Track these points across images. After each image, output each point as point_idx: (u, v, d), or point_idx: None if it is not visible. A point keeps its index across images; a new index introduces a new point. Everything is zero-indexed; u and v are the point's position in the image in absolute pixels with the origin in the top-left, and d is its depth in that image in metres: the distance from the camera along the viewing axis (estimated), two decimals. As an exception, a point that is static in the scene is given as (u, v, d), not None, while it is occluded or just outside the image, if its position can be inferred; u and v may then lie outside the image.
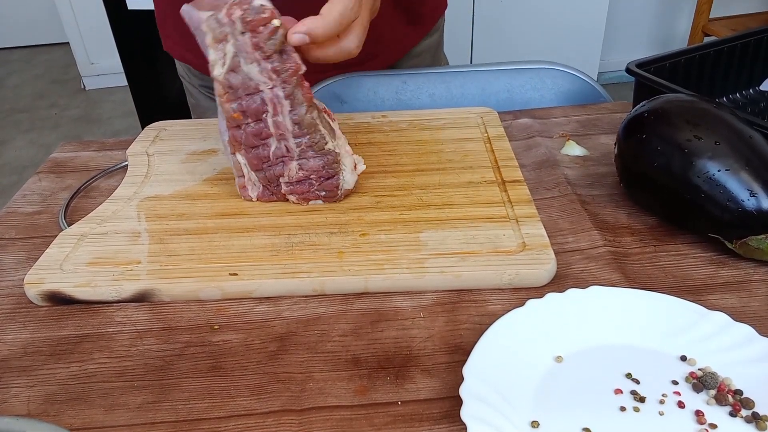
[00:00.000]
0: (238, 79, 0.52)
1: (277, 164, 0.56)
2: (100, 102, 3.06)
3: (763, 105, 0.77)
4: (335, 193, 0.57)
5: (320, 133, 0.55)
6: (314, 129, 0.54)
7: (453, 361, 0.43)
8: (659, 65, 0.69)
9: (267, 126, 0.54)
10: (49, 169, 0.70)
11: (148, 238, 0.55)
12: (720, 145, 0.49)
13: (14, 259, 0.55)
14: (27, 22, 3.56)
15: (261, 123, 0.54)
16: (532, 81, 0.86)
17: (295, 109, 0.53)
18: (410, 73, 0.87)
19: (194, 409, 0.41)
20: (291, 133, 0.54)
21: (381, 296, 0.49)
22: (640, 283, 0.49)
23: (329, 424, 0.39)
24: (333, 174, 0.56)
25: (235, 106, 0.53)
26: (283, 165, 0.56)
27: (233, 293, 0.49)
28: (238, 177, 0.58)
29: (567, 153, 0.67)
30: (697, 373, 0.40)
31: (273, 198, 0.58)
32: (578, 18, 2.47)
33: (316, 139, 0.55)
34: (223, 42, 0.51)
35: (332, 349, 0.45)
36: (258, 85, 0.52)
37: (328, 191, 0.57)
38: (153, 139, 0.70)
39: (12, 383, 0.43)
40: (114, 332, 0.47)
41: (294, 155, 0.55)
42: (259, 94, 0.52)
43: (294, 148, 0.55)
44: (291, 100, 0.53)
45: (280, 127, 0.54)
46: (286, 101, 0.53)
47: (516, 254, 0.50)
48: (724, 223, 0.49)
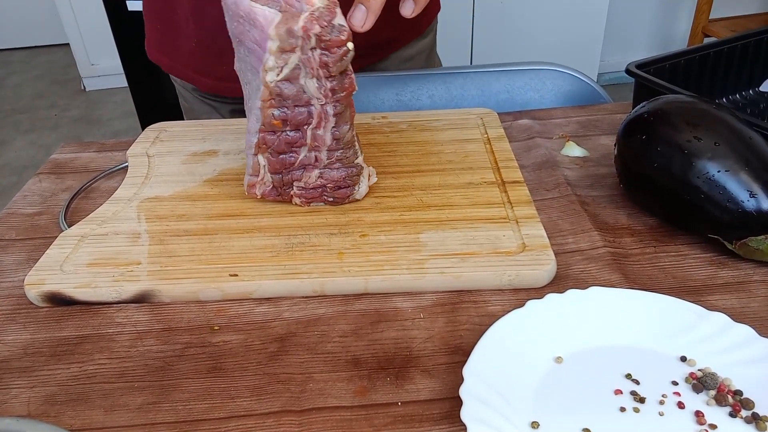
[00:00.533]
0: (293, 90, 0.50)
1: (298, 170, 0.56)
2: (100, 103, 3.06)
3: (762, 106, 0.77)
4: (343, 201, 0.57)
5: (354, 149, 0.55)
6: (351, 145, 0.55)
7: (453, 362, 0.43)
8: (659, 66, 0.69)
9: (304, 137, 0.53)
10: (50, 170, 0.70)
11: (149, 239, 0.55)
12: (720, 146, 0.49)
13: (14, 260, 0.55)
14: (27, 23, 3.56)
15: (298, 133, 0.53)
16: (532, 82, 0.86)
17: (339, 126, 0.53)
18: (410, 74, 0.87)
19: (194, 410, 0.41)
20: (327, 146, 0.54)
21: (381, 297, 0.49)
22: (640, 283, 0.49)
23: (329, 424, 0.39)
24: (350, 185, 0.56)
25: (277, 113, 0.51)
26: (303, 171, 0.56)
27: (233, 294, 0.49)
28: (250, 176, 0.57)
29: (567, 154, 0.67)
30: (697, 374, 0.40)
31: (278, 198, 0.58)
32: (578, 19, 2.47)
33: (349, 154, 0.55)
34: (288, 53, 0.48)
35: (332, 349, 0.45)
36: (310, 99, 0.51)
37: (337, 198, 0.57)
38: (153, 140, 0.70)
39: (12, 384, 0.43)
40: (114, 333, 0.47)
41: (321, 165, 0.55)
42: (308, 107, 0.51)
43: (323, 159, 0.55)
44: (338, 118, 0.52)
45: (318, 139, 0.53)
46: (333, 118, 0.52)
47: (516, 255, 0.50)
48: (724, 223, 0.49)
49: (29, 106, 3.05)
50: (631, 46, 2.89)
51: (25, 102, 3.09)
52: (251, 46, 0.50)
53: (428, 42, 0.93)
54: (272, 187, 0.57)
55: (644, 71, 0.67)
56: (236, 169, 0.65)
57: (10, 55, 3.60)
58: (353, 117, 0.54)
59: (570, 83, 0.85)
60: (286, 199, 0.58)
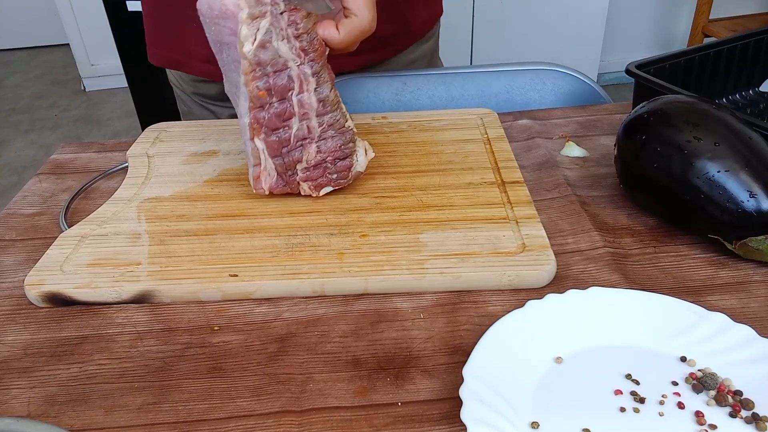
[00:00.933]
0: (268, 55, 0.52)
1: (296, 148, 0.56)
2: (100, 103, 3.06)
3: (762, 106, 0.77)
4: (347, 175, 0.58)
5: (341, 110, 0.57)
6: (337, 106, 0.56)
7: (453, 362, 0.43)
8: (659, 66, 0.69)
9: (291, 105, 0.55)
10: (50, 170, 0.70)
11: (149, 240, 0.55)
12: (719, 146, 0.49)
13: (14, 261, 0.55)
14: (27, 23, 3.56)
15: (285, 103, 0.54)
16: (532, 82, 0.86)
17: (320, 87, 0.55)
18: (410, 75, 0.87)
19: (194, 410, 0.41)
20: (315, 111, 0.55)
21: (381, 297, 0.49)
22: (640, 284, 0.49)
23: (329, 425, 0.39)
24: (348, 154, 0.58)
25: (261, 83, 0.53)
26: (302, 149, 0.56)
27: (233, 294, 0.49)
28: (253, 166, 0.57)
29: (567, 154, 0.67)
30: (697, 374, 0.40)
31: (285, 189, 0.58)
32: (578, 19, 2.47)
33: (338, 116, 0.56)
34: (258, 18, 0.51)
35: (332, 350, 0.45)
36: (287, 61, 0.53)
37: (340, 173, 0.58)
38: (153, 141, 0.70)
39: (12, 384, 0.43)
40: (114, 333, 0.47)
41: (315, 136, 0.56)
42: (287, 71, 0.53)
43: (316, 128, 0.56)
44: (317, 78, 0.54)
45: (305, 105, 0.55)
46: (313, 78, 0.54)
47: (516, 255, 0.50)
48: (724, 224, 0.49)
49: (29, 106, 3.05)
50: (631, 46, 2.89)
51: (25, 102, 3.09)
52: (229, 39, 0.52)
53: (430, 46, 0.93)
54: (277, 176, 0.57)
55: (644, 71, 0.67)
56: (236, 169, 0.65)
57: (10, 55, 3.60)
58: (333, 79, 0.56)
59: (570, 83, 0.85)
60: (294, 190, 0.58)
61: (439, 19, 0.92)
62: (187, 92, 0.90)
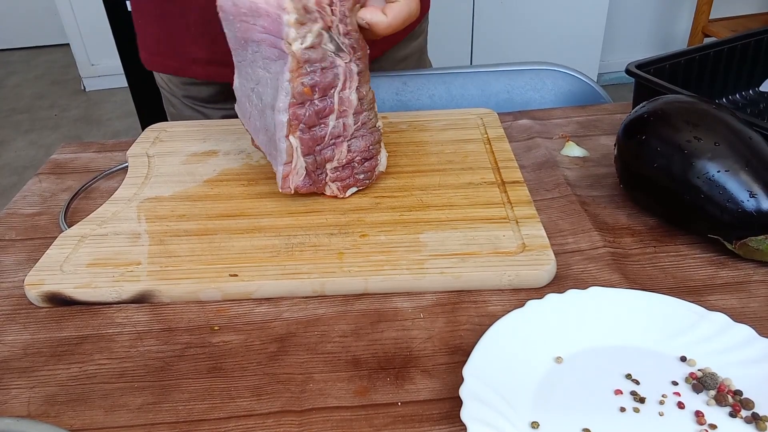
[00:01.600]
0: (318, 53, 0.53)
1: (329, 146, 0.57)
2: (100, 103, 3.06)
3: (762, 106, 0.77)
4: (371, 175, 0.60)
5: (374, 110, 0.58)
6: (372, 106, 0.58)
7: (453, 362, 0.43)
8: (659, 66, 0.69)
9: (332, 102, 0.55)
10: (50, 170, 0.70)
11: (149, 239, 0.55)
12: (720, 146, 0.49)
13: (14, 261, 0.55)
14: (27, 23, 3.56)
15: (326, 100, 0.55)
16: (532, 82, 0.86)
17: (361, 86, 0.56)
18: (410, 74, 0.87)
19: (194, 410, 0.41)
20: (353, 108, 0.56)
21: (381, 297, 0.49)
22: (640, 283, 0.49)
23: (329, 424, 0.39)
24: (374, 154, 0.59)
25: (307, 80, 0.53)
26: (334, 147, 0.57)
27: (233, 294, 0.49)
28: (284, 165, 0.57)
29: (567, 154, 0.67)
30: (697, 374, 0.40)
31: (312, 188, 0.58)
32: (578, 19, 2.47)
33: (371, 116, 0.58)
34: (308, 24, 0.51)
35: (332, 349, 0.45)
36: (335, 59, 0.53)
37: (366, 173, 0.59)
38: (153, 141, 0.70)
39: (12, 384, 0.43)
40: (114, 333, 0.47)
41: (348, 134, 0.57)
42: (333, 68, 0.54)
43: (351, 125, 0.57)
44: (360, 77, 0.55)
45: (344, 102, 0.55)
46: (357, 76, 0.55)
47: (516, 255, 0.50)
48: (724, 223, 0.49)
49: (29, 106, 3.05)
50: (631, 46, 2.89)
51: (25, 102, 3.09)
52: (260, 36, 0.52)
53: (420, 43, 0.93)
54: (305, 174, 0.57)
55: (644, 71, 0.67)
56: (236, 169, 0.65)
57: (10, 55, 3.60)
58: (369, 78, 0.57)
59: (570, 83, 0.85)
60: (320, 190, 0.59)
61: (427, 14, 0.92)
62: (176, 95, 0.89)
